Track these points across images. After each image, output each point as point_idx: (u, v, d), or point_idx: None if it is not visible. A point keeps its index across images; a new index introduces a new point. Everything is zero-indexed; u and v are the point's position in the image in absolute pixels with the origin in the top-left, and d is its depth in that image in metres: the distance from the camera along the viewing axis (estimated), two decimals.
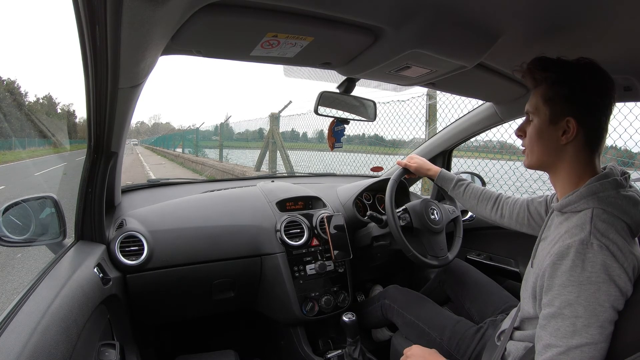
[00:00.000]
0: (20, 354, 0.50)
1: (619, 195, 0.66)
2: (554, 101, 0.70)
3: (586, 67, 0.68)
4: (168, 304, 1.25)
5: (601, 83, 0.68)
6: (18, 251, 3.39)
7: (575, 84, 0.68)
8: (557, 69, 0.70)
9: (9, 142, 23.50)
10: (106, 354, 0.80)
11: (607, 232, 0.62)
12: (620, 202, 0.65)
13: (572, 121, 0.68)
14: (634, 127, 1.94)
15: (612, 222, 0.63)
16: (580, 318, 0.58)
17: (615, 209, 0.65)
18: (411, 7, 0.65)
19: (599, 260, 0.59)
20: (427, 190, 2.87)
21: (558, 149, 0.71)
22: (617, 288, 0.59)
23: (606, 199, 0.66)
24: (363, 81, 1.06)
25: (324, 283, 1.34)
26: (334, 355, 1.17)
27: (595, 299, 0.58)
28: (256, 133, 8.26)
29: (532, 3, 0.63)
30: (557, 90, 0.69)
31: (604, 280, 0.59)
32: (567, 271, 0.61)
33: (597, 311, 0.58)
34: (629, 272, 0.60)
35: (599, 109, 0.68)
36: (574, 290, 0.60)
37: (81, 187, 0.94)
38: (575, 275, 0.60)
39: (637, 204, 0.66)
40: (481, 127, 1.48)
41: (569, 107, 0.68)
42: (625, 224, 0.64)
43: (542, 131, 0.72)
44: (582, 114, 0.68)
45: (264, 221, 1.33)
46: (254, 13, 0.63)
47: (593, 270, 0.59)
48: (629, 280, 0.60)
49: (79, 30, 0.55)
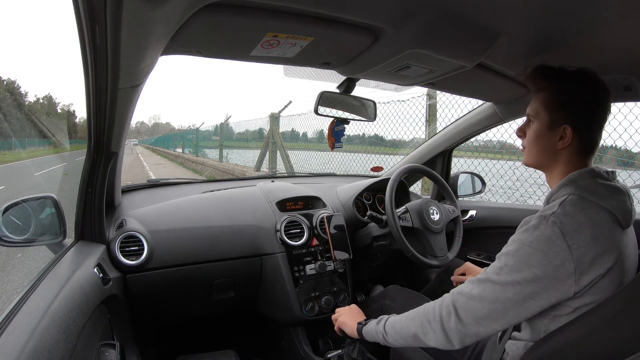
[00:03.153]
0: (20, 354, 0.50)
1: (596, 182, 0.69)
2: (553, 109, 0.73)
3: (585, 78, 0.72)
4: (168, 304, 1.25)
5: (597, 94, 0.72)
6: (18, 251, 3.39)
7: (574, 94, 0.72)
8: (558, 78, 0.73)
9: (9, 142, 23.51)
10: (106, 354, 0.80)
11: (572, 214, 0.64)
12: (597, 189, 0.68)
13: (568, 129, 0.72)
14: (634, 127, 1.94)
15: (584, 207, 0.65)
16: (505, 268, 0.66)
17: (593, 195, 0.67)
18: (411, 7, 0.65)
19: (547, 232, 0.63)
20: (427, 190, 2.87)
21: (554, 152, 0.75)
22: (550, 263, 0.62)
23: (583, 187, 0.69)
24: (363, 81, 1.06)
25: (324, 283, 1.34)
26: (334, 355, 1.17)
27: (523, 262, 0.64)
28: (256, 133, 8.26)
29: (532, 3, 0.63)
30: (557, 99, 0.73)
31: (541, 250, 0.63)
32: (519, 230, 0.69)
33: (522, 269, 0.64)
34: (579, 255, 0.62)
35: (594, 119, 0.72)
36: (515, 246, 0.67)
37: (81, 187, 0.94)
38: (523, 235, 0.67)
39: (618, 191, 0.69)
40: (481, 127, 1.48)
41: (566, 116, 0.72)
42: (606, 210, 0.66)
43: (540, 135, 0.76)
44: (578, 122, 0.72)
45: (264, 221, 1.33)
46: (254, 13, 0.63)
47: (537, 238, 0.64)
48: (572, 261, 0.62)
49: (79, 30, 0.55)
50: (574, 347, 0.62)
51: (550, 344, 0.66)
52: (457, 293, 0.72)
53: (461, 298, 0.71)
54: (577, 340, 0.62)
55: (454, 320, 0.70)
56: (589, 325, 0.62)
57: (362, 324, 0.94)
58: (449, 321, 0.71)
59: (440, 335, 0.72)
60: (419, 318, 0.77)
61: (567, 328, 0.64)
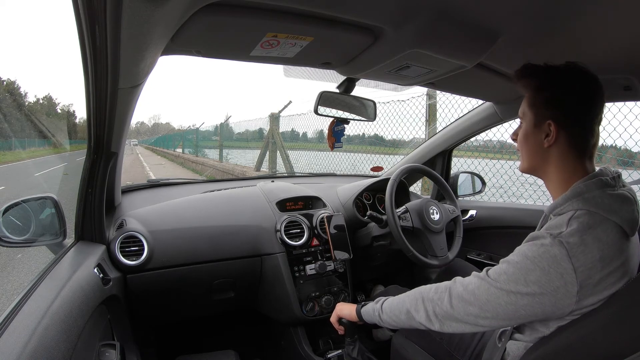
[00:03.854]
0: (20, 355, 0.50)
1: (605, 194, 0.66)
2: (537, 106, 0.72)
3: (570, 72, 0.69)
4: (168, 304, 1.25)
5: (584, 86, 0.69)
6: (18, 252, 3.38)
7: (556, 89, 0.70)
8: (540, 74, 0.71)
9: (9, 142, 23.51)
10: (106, 354, 0.80)
11: (580, 233, 0.62)
12: (606, 201, 0.65)
13: (552, 125, 0.69)
14: (634, 127, 1.94)
15: (592, 223, 0.63)
16: (505, 275, 0.65)
17: (601, 209, 0.64)
18: (411, 7, 0.65)
19: (553, 252, 0.62)
20: (427, 190, 2.87)
21: (542, 151, 0.72)
22: (550, 283, 0.61)
23: (591, 200, 0.66)
24: (363, 81, 1.06)
25: (324, 283, 1.34)
26: (334, 355, 1.17)
27: (525, 273, 0.63)
28: (256, 133, 8.26)
29: (532, 3, 0.63)
30: (539, 95, 0.72)
31: (542, 268, 0.62)
32: (525, 242, 0.67)
33: (519, 282, 0.63)
34: (584, 277, 0.60)
35: (581, 112, 0.69)
36: (518, 258, 0.65)
37: (81, 187, 0.94)
38: (528, 248, 0.65)
39: (627, 201, 0.66)
40: (481, 127, 1.48)
41: (549, 111, 0.70)
42: (615, 224, 0.64)
43: (528, 135, 0.74)
44: (562, 117, 0.69)
45: (264, 221, 1.33)
46: (253, 13, 0.63)
47: (541, 255, 0.62)
48: (575, 284, 0.60)
49: (79, 30, 0.55)
50: (575, 348, 0.62)
51: (550, 344, 0.66)
52: (458, 282, 0.73)
53: (458, 287, 0.71)
54: (578, 340, 0.62)
55: (446, 301, 0.72)
56: (590, 326, 0.62)
57: (361, 305, 0.95)
58: (442, 301, 0.72)
59: (430, 312, 0.74)
60: (414, 295, 0.79)
61: (568, 329, 0.64)
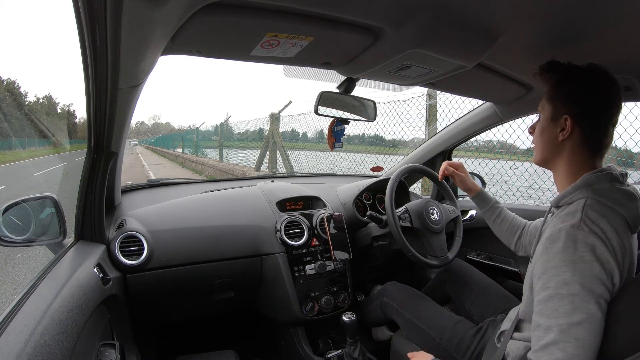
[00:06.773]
0: (20, 354, 0.50)
1: (614, 187, 0.68)
2: (554, 100, 0.75)
3: (591, 72, 0.72)
4: (168, 304, 1.25)
5: (602, 87, 0.71)
6: (18, 251, 3.38)
7: (575, 85, 0.72)
8: (562, 70, 0.74)
9: (8, 142, 23.51)
10: (106, 354, 0.80)
11: (597, 221, 0.64)
12: (615, 194, 0.68)
13: (568, 119, 0.72)
14: (634, 127, 1.94)
15: (604, 212, 0.66)
16: (578, 295, 0.60)
17: (610, 200, 0.67)
18: (411, 7, 0.65)
19: (589, 242, 0.62)
20: (427, 190, 2.87)
21: (556, 144, 0.75)
22: (605, 270, 0.61)
23: (600, 191, 0.68)
24: (363, 81, 1.06)
25: (324, 283, 1.34)
26: (334, 355, 1.17)
27: (590, 276, 0.60)
28: (256, 133, 8.26)
29: (532, 3, 0.63)
30: (558, 90, 0.75)
31: (595, 259, 0.61)
32: (559, 252, 0.63)
33: (592, 287, 0.60)
34: (618, 258, 0.62)
35: (598, 110, 0.71)
36: (568, 270, 0.61)
37: (81, 187, 0.94)
38: (568, 255, 0.62)
39: (633, 197, 0.69)
40: (481, 127, 1.48)
41: (566, 106, 0.73)
42: (622, 216, 0.66)
43: (544, 128, 0.77)
44: (579, 112, 0.72)
45: (264, 221, 1.33)
46: (253, 13, 0.63)
47: (585, 250, 0.61)
48: (617, 267, 0.62)
49: (79, 31, 0.55)
50: None
51: None
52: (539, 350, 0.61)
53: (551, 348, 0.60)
54: None
55: None
56: None
57: None
58: None
59: None
60: None
61: None
